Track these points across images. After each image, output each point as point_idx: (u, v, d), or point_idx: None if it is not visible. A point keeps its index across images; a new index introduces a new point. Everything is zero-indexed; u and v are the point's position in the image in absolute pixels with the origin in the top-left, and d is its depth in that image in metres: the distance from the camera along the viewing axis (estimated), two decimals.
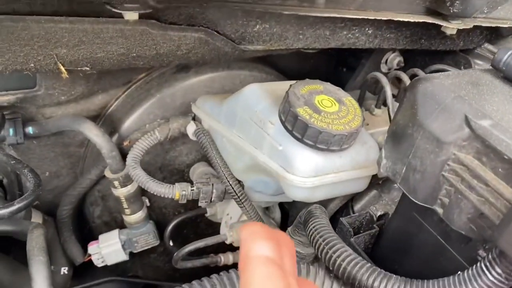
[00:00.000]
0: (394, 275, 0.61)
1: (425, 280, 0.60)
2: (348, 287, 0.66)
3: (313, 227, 0.69)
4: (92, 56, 0.74)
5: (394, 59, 1.19)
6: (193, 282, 0.69)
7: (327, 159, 0.70)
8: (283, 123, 0.70)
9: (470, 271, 0.55)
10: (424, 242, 0.69)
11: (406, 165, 0.63)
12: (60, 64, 0.73)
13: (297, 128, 0.67)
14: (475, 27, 0.91)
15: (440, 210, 0.61)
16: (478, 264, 0.55)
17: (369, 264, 0.62)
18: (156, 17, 0.75)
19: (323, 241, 0.66)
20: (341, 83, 1.32)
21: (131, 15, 0.67)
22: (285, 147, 0.71)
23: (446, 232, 0.64)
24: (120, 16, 0.69)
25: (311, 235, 0.69)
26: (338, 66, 1.37)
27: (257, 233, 0.41)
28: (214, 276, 0.70)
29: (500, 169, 0.53)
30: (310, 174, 0.69)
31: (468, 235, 0.58)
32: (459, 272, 0.61)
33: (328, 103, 0.70)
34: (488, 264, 0.53)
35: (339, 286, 0.68)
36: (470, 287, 0.55)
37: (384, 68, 1.21)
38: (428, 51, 1.05)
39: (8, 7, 0.66)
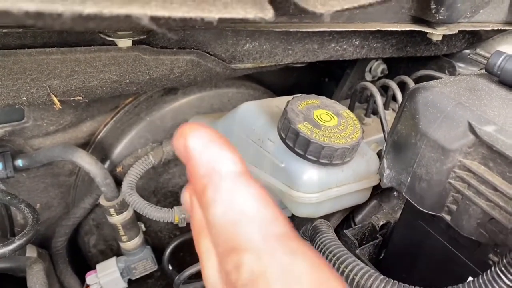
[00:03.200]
0: (409, 286, 0.61)
1: None
2: None
3: (321, 242, 0.69)
4: (85, 85, 0.73)
5: (378, 67, 1.20)
6: None
7: (330, 174, 0.70)
8: (283, 140, 0.70)
9: (485, 276, 0.55)
10: (432, 249, 0.69)
11: (411, 174, 0.63)
12: (53, 96, 0.71)
13: (299, 144, 0.67)
14: (459, 32, 0.93)
15: (448, 217, 0.61)
16: (493, 268, 0.55)
17: (383, 276, 0.62)
18: (147, 42, 0.74)
19: (333, 256, 0.66)
20: (324, 93, 1.33)
21: (125, 42, 0.66)
22: (287, 164, 0.70)
23: (454, 238, 0.65)
24: (113, 43, 0.68)
25: (320, 251, 0.69)
26: (320, 77, 1.38)
27: (210, 138, 0.32)
28: None
29: (508, 173, 0.54)
30: (315, 189, 0.69)
31: (479, 240, 0.59)
32: (469, 277, 0.62)
33: (326, 117, 0.71)
34: (503, 268, 0.53)
35: None
36: None
37: (368, 76, 1.22)
38: (411, 57, 1.07)
39: None
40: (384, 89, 1.06)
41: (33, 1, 0.29)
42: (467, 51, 1.11)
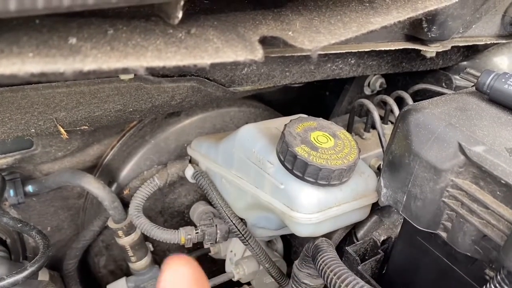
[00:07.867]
0: None
1: None
2: None
3: (322, 261, 0.71)
4: (90, 115, 0.76)
5: (376, 81, 1.22)
6: None
7: (328, 194, 0.72)
8: (282, 162, 0.72)
9: None
10: (431, 265, 0.71)
11: (407, 193, 0.65)
12: (60, 127, 0.74)
13: (297, 166, 0.69)
14: (453, 47, 0.95)
15: (444, 234, 0.63)
16: (488, 284, 0.57)
17: None
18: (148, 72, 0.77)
19: (334, 275, 0.68)
20: (325, 107, 1.36)
21: (127, 75, 0.69)
22: (286, 185, 0.72)
23: (451, 254, 0.66)
24: (115, 75, 0.71)
25: (321, 269, 0.70)
26: (321, 91, 1.40)
27: None
28: None
29: (498, 192, 0.56)
30: (314, 210, 0.71)
31: (474, 256, 0.60)
32: None
33: (323, 139, 0.73)
34: (497, 285, 0.55)
35: None
36: None
37: (367, 90, 1.24)
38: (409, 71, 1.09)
39: None
40: (384, 102, 1.08)
41: (38, 63, 0.32)
42: (464, 63, 1.13)
